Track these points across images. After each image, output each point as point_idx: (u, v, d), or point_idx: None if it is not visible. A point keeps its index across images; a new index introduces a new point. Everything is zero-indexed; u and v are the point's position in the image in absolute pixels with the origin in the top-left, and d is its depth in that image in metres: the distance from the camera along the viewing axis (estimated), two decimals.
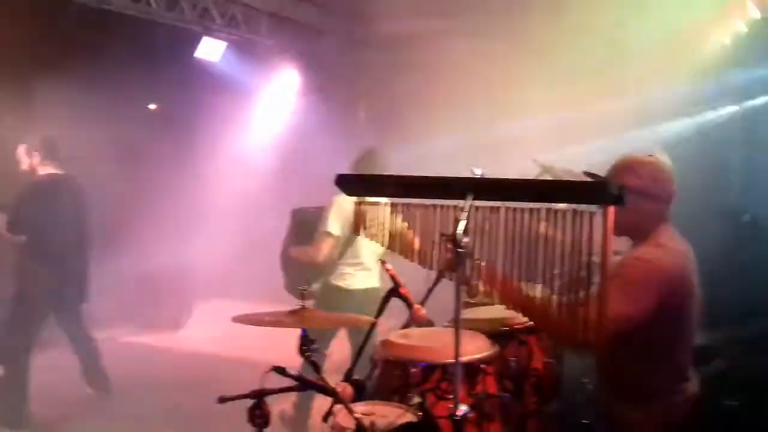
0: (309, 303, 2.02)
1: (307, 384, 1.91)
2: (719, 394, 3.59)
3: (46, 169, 4.37)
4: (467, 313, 2.77)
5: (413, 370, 2.23)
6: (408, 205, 1.65)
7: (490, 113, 6.01)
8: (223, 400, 2.10)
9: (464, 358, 2.25)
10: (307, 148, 6.74)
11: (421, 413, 1.60)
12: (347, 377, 2.40)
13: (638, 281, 2.17)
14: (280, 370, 1.87)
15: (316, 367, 1.83)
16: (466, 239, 1.49)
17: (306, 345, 1.82)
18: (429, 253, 1.67)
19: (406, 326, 2.52)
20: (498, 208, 1.53)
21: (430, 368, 2.24)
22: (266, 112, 7.27)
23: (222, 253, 6.65)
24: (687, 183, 4.80)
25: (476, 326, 2.56)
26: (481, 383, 2.30)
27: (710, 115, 5.37)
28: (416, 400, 1.52)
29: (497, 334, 2.53)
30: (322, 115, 6.95)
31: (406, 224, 1.67)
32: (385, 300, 2.38)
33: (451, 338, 2.41)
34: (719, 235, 4.06)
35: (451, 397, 2.22)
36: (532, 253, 1.55)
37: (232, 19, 6.52)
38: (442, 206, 1.61)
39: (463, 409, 1.61)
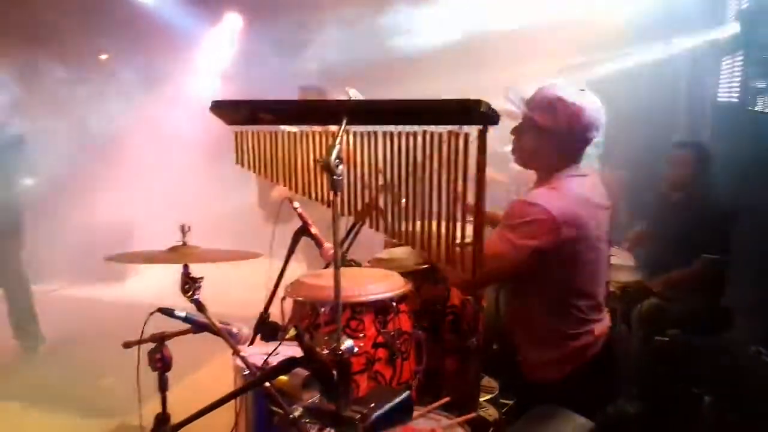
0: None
1: (199, 326, 1.84)
2: (652, 331, 3.66)
3: None
4: (385, 253, 2.73)
5: (322, 309, 2.18)
6: (287, 132, 1.56)
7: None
8: (127, 345, 2.04)
9: (374, 296, 2.21)
10: (253, 95, 6.51)
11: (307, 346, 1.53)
12: (262, 318, 2.36)
13: (518, 224, 2.10)
14: (167, 312, 1.79)
15: (201, 307, 1.74)
16: (341, 166, 1.40)
17: (188, 284, 1.73)
18: (311, 182, 1.59)
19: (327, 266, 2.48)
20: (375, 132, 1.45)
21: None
22: (208, 57, 7.01)
23: (173, 200, 6.48)
24: (636, 116, 4.80)
25: (393, 265, 2.52)
26: (394, 321, 2.26)
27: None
28: (291, 332, 1.45)
29: (415, 272, 2.49)
30: (268, 61, 6.72)
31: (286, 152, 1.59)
32: (295, 239, 2.31)
33: (363, 276, 2.39)
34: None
35: (361, 335, 2.19)
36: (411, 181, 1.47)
37: None
38: (322, 132, 1.52)
39: (347, 343, 1.54)
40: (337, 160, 1.39)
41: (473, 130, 1.41)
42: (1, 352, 4.46)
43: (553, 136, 2.18)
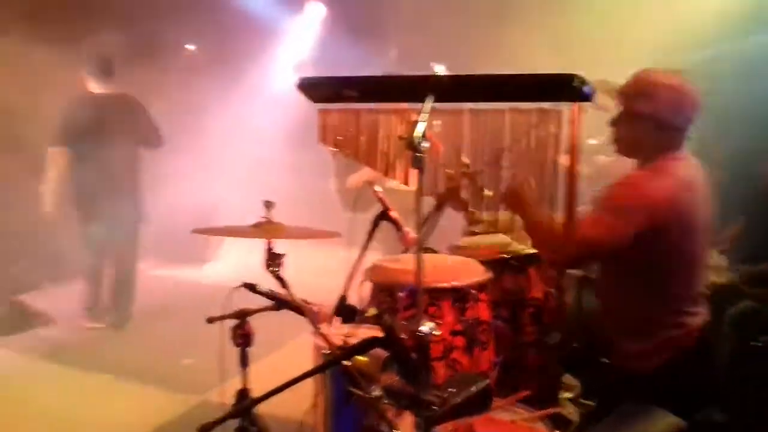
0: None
1: (281, 302, 1.86)
2: (746, 335, 3.44)
3: (97, 88, 4.51)
4: (464, 241, 2.69)
5: (400, 294, 2.17)
6: (374, 110, 1.54)
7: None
8: (211, 320, 2.09)
9: (453, 283, 2.18)
10: None
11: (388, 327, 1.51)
12: (341, 300, 2.36)
13: (615, 206, 2.04)
14: (250, 287, 1.82)
15: (283, 283, 1.75)
16: (425, 144, 1.37)
17: (271, 259, 1.75)
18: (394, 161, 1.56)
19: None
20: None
21: (417, 292, 2.16)
22: (292, 48, 7.13)
23: (251, 188, 6.61)
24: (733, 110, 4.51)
25: (474, 253, 2.48)
26: (473, 309, 2.22)
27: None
28: (371, 312, 1.43)
29: (496, 261, 2.44)
30: (349, 51, 6.75)
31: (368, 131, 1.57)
32: (374, 224, 2.29)
33: (442, 263, 2.36)
34: None
35: (440, 322, 2.17)
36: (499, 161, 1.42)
37: None
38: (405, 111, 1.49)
39: (427, 326, 1.52)
40: (421, 138, 1.37)
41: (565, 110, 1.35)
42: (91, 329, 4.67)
43: (655, 122, 2.10)
